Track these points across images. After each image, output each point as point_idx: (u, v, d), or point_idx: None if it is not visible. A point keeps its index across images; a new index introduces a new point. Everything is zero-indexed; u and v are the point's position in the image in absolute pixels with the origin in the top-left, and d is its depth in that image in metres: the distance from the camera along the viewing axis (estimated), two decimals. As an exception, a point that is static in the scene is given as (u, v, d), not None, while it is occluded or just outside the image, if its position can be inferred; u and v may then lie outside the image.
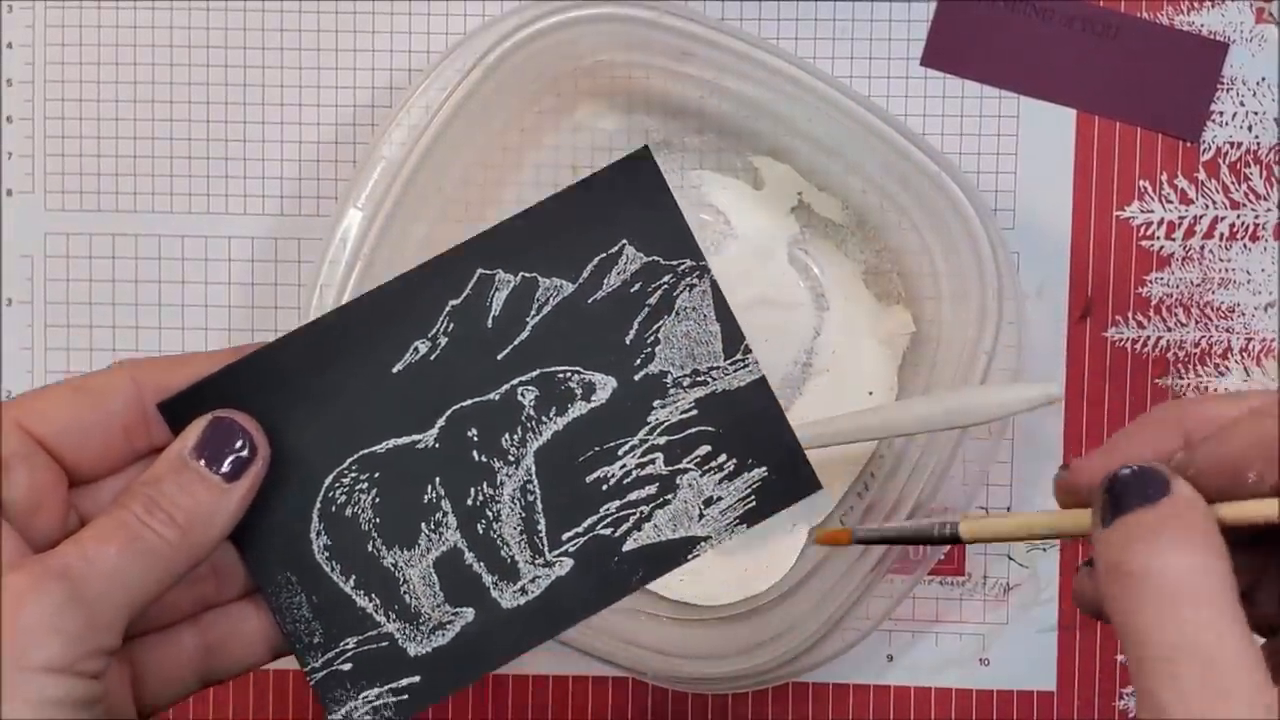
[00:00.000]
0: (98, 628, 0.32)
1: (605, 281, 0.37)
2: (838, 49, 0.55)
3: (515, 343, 0.36)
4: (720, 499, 0.37)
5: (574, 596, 0.37)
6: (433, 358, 0.36)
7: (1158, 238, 0.55)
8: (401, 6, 0.55)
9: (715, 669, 0.51)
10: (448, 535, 0.37)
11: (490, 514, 0.37)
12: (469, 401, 0.36)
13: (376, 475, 0.36)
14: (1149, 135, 0.54)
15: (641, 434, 0.37)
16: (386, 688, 0.37)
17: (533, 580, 0.37)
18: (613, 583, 0.37)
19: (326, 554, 0.36)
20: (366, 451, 0.36)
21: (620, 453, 0.37)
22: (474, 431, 0.36)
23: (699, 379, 0.37)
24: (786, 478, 0.38)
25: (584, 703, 0.55)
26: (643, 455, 0.37)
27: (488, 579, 0.37)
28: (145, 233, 0.56)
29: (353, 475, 0.36)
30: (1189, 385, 0.55)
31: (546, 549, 0.37)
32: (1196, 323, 0.55)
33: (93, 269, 0.56)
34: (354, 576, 0.37)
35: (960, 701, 0.55)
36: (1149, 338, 0.55)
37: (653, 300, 0.37)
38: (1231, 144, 0.54)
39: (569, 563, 0.37)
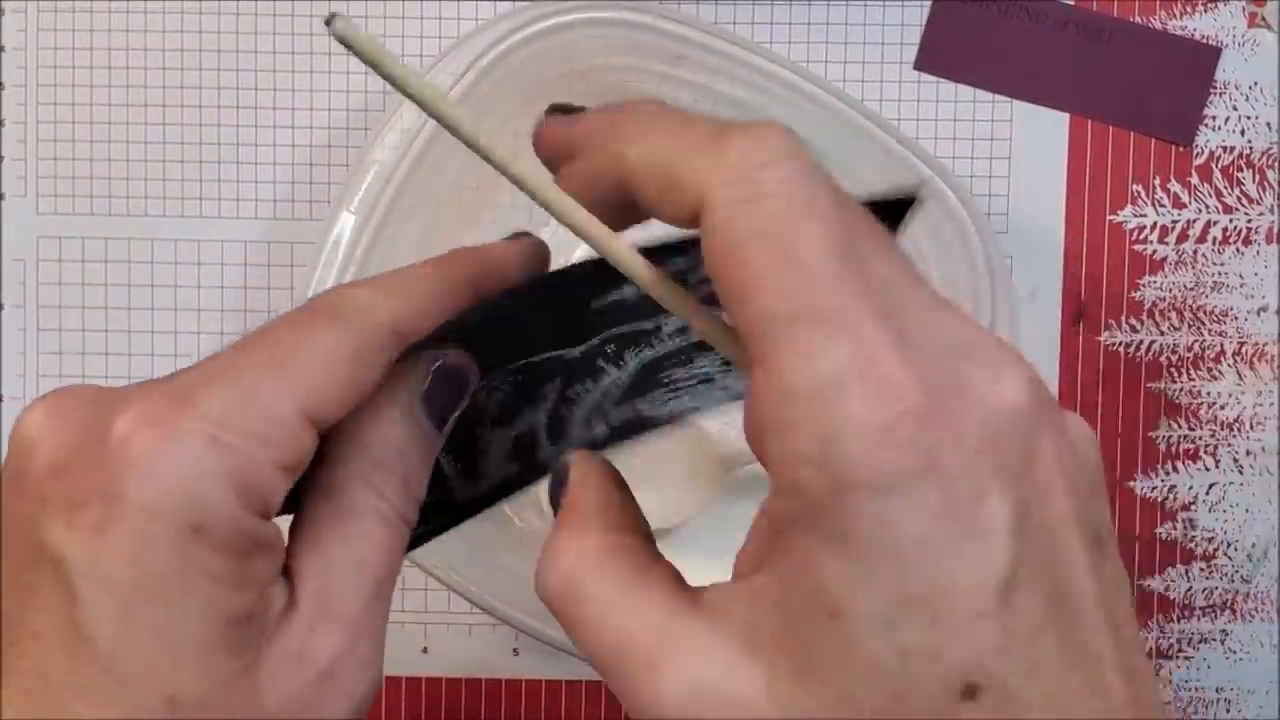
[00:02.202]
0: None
1: None
2: (831, 53, 0.55)
3: (691, 283, 0.37)
4: (727, 387, 0.40)
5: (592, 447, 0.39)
6: (628, 298, 0.35)
7: (1151, 242, 0.55)
8: (395, 9, 0.55)
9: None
10: (539, 418, 0.37)
11: (576, 400, 0.38)
12: (627, 328, 0.37)
13: (520, 378, 0.36)
14: (1142, 139, 0.55)
15: None
16: (423, 527, 0.37)
17: (570, 440, 0.39)
18: (619, 437, 0.39)
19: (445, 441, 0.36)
20: (525, 362, 0.36)
21: (694, 357, 0.38)
22: (612, 346, 0.37)
23: None
24: None
25: (576, 706, 0.55)
26: (703, 361, 0.39)
27: (543, 443, 0.38)
28: (138, 236, 0.56)
29: (501, 377, 0.36)
30: (1182, 389, 0.55)
31: (595, 422, 0.39)
32: (1190, 326, 0.55)
33: (85, 273, 0.56)
34: (454, 453, 0.36)
35: (954, 705, 0.55)
36: (1142, 342, 0.55)
37: None
38: (1224, 148, 0.54)
39: (604, 429, 0.39)
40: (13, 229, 0.56)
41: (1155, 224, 0.55)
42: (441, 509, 0.37)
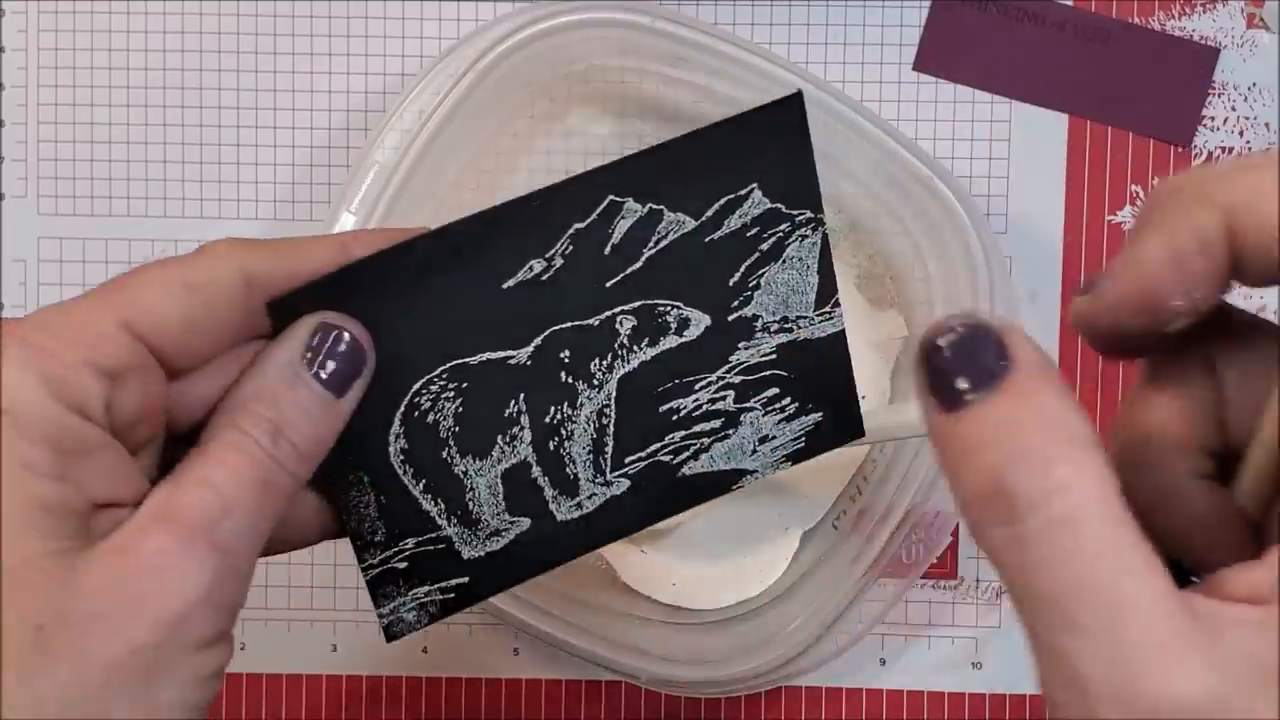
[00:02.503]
0: (242, 591, 0.30)
1: (726, 222, 0.36)
2: (830, 54, 0.55)
3: (626, 272, 0.36)
4: (774, 438, 0.38)
5: (623, 514, 0.38)
6: (544, 278, 0.35)
7: (1149, 242, 0.55)
8: (394, 10, 0.55)
9: (708, 673, 0.51)
10: (520, 449, 0.36)
11: (564, 432, 0.37)
12: (568, 324, 0.36)
13: (464, 385, 0.35)
14: (1140, 140, 0.55)
15: (720, 371, 0.37)
16: (436, 587, 0.36)
17: (589, 497, 0.37)
18: (661, 504, 0.38)
19: (402, 457, 0.35)
20: (459, 362, 0.35)
21: (696, 387, 0.37)
22: (566, 353, 0.36)
23: (785, 326, 0.38)
24: (837, 424, 0.39)
25: (576, 706, 0.55)
26: (716, 391, 0.38)
27: (549, 492, 0.37)
28: (138, 237, 0.56)
29: (441, 383, 0.35)
30: (1181, 389, 0.55)
31: (608, 469, 0.37)
32: (1188, 327, 0.55)
33: (85, 273, 0.56)
34: (424, 481, 0.36)
35: (953, 705, 0.55)
36: (1141, 342, 0.55)
37: (765, 246, 0.37)
38: (1223, 149, 0.54)
39: (625, 483, 0.37)
40: (13, 229, 0.56)
41: (1154, 224, 0.55)
42: (444, 562, 0.36)
